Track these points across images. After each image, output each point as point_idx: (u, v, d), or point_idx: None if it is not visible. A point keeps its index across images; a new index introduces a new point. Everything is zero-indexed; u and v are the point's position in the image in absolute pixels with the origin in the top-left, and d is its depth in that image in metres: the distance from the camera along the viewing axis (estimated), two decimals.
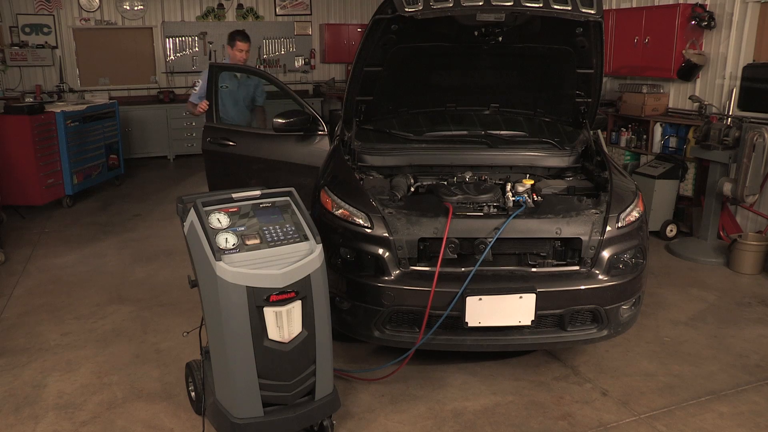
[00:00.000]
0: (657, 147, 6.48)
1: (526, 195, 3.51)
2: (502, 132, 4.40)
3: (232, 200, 2.78)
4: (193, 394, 3.22)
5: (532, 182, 3.72)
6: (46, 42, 9.80)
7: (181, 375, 3.48)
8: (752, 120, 5.34)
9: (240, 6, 10.93)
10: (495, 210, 3.42)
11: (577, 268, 3.31)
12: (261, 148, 4.91)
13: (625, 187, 3.65)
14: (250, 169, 4.94)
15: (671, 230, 6.07)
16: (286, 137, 4.76)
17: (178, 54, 10.64)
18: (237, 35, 5.57)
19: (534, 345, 3.53)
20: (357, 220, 3.34)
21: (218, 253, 2.57)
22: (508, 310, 3.19)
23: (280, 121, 4.54)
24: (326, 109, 10.28)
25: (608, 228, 3.33)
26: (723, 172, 5.43)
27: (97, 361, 3.77)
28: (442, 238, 3.20)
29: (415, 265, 3.27)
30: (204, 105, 5.31)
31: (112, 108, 8.44)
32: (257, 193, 2.84)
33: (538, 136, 4.36)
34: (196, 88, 5.60)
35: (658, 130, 6.46)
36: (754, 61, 5.69)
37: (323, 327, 2.78)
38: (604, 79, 6.21)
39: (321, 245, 2.75)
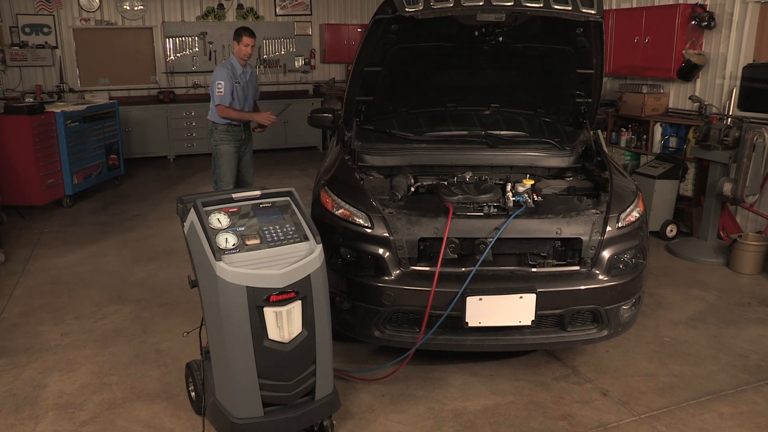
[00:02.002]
0: (657, 147, 6.48)
1: (526, 195, 3.51)
2: (502, 132, 4.40)
3: (232, 200, 2.78)
4: (193, 394, 3.21)
5: (533, 182, 3.72)
6: (46, 42, 9.80)
7: (181, 375, 3.48)
8: (752, 120, 5.34)
9: (240, 6, 10.93)
10: (495, 210, 3.42)
11: (577, 268, 3.31)
12: None
13: (625, 187, 3.65)
14: None
15: (671, 230, 6.07)
16: None
17: (178, 54, 10.64)
18: (244, 30, 5.61)
19: (534, 345, 3.53)
20: (357, 220, 3.34)
21: (218, 253, 2.57)
22: (509, 310, 3.19)
23: (314, 116, 4.63)
24: None
25: (608, 228, 3.33)
26: (723, 172, 5.43)
27: (97, 361, 3.76)
28: (442, 238, 3.20)
29: (416, 265, 3.27)
30: (268, 118, 5.63)
31: (112, 108, 8.44)
32: (257, 193, 2.84)
33: (538, 136, 4.36)
34: (221, 90, 5.47)
35: (658, 130, 6.46)
36: (754, 61, 5.69)
37: (323, 327, 2.78)
38: (604, 79, 6.20)
39: (321, 245, 2.75)
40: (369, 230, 3.29)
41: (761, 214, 5.60)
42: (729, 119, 5.48)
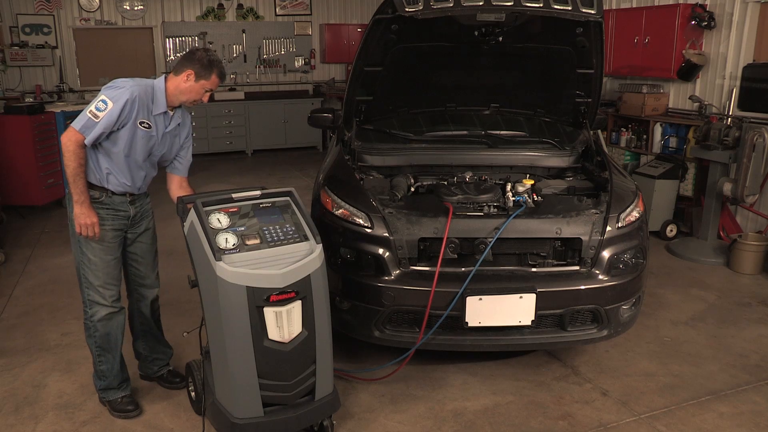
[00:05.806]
0: (657, 147, 6.48)
1: (526, 195, 3.51)
2: (502, 132, 4.40)
3: (232, 200, 2.78)
4: (193, 394, 3.22)
5: (532, 182, 3.72)
6: (46, 42, 9.80)
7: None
8: (752, 120, 5.34)
9: (240, 6, 10.93)
10: (495, 210, 3.42)
11: (577, 268, 3.31)
12: None
13: (625, 187, 3.65)
14: None
15: (671, 230, 6.07)
16: None
17: (178, 54, 10.62)
18: (214, 66, 2.97)
19: (534, 345, 3.53)
20: (357, 219, 3.34)
21: (218, 253, 2.57)
22: (508, 310, 3.19)
23: (314, 116, 4.60)
24: None
25: (608, 228, 3.33)
26: (723, 172, 5.43)
27: None
28: (442, 238, 3.20)
29: (416, 265, 3.27)
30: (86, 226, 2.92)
31: None
32: (257, 193, 2.84)
33: (538, 136, 4.36)
34: (97, 112, 2.85)
35: (658, 130, 6.47)
36: (754, 61, 5.69)
37: (323, 327, 2.78)
38: (604, 79, 6.21)
39: (321, 245, 2.75)
40: (369, 230, 3.29)
41: (761, 214, 5.60)
42: (729, 119, 5.48)
